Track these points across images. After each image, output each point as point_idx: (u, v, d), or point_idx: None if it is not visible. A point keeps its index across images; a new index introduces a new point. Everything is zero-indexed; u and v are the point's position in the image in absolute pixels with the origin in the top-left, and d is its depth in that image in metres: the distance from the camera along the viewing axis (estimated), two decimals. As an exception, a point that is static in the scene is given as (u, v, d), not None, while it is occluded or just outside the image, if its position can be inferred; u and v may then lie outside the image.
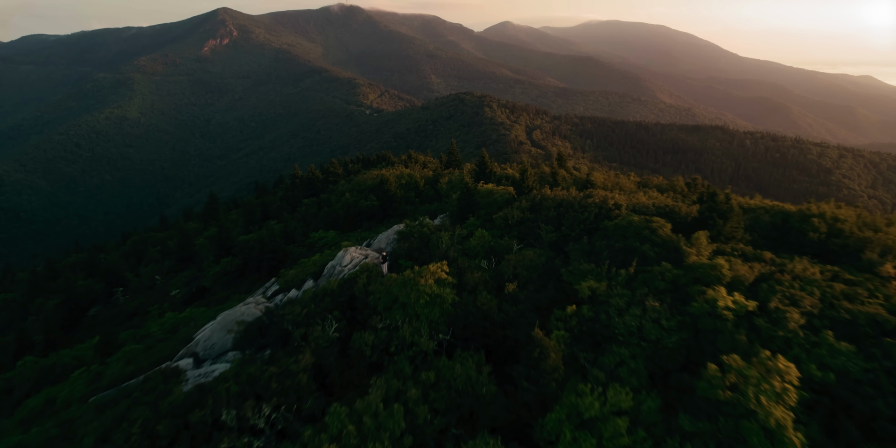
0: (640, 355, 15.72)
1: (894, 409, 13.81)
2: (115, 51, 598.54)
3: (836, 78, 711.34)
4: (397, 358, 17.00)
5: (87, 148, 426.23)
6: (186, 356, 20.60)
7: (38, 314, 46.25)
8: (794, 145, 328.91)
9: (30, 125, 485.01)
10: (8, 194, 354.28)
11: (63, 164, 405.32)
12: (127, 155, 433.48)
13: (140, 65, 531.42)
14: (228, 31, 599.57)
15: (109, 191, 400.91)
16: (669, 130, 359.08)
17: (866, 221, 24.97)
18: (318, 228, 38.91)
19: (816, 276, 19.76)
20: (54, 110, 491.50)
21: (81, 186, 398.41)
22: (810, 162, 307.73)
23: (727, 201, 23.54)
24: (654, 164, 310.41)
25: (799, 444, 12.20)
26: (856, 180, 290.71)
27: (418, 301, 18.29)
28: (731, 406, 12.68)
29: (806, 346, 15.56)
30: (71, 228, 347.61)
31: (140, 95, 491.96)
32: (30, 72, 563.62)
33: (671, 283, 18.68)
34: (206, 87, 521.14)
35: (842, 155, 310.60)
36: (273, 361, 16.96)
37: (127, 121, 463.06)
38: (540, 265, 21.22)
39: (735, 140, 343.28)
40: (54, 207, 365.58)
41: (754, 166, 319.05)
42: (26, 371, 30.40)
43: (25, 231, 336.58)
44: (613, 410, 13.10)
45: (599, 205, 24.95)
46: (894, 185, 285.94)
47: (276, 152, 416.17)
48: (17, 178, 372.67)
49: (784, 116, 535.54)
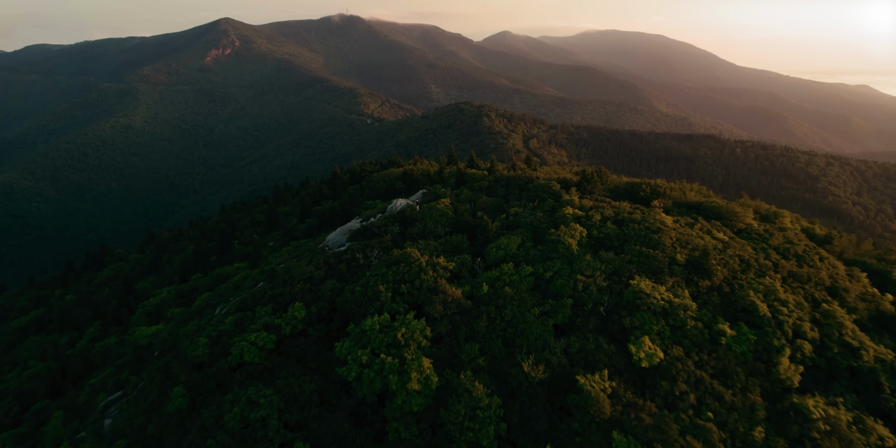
0: (529, 229, 40.17)
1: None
2: (119, 60, 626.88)
3: (833, 87, 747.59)
4: (427, 238, 41.43)
5: (93, 156, 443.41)
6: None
7: (169, 264, 70.32)
8: (783, 153, 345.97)
9: (36, 134, 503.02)
10: (18, 202, 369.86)
11: (70, 172, 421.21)
12: (132, 163, 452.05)
13: (144, 74, 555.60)
14: (231, 41, 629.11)
15: (116, 198, 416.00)
16: (662, 139, 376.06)
17: (672, 188, 49.73)
18: (364, 201, 63.57)
19: (623, 207, 44.29)
20: (60, 119, 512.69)
21: (89, 194, 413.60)
22: (798, 170, 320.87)
23: (592, 175, 48.24)
24: (646, 171, 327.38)
25: (575, 250, 36.83)
26: (841, 187, 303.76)
27: (435, 214, 42.83)
28: (555, 241, 37.17)
29: (597, 226, 40.06)
30: (79, 235, 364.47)
31: (144, 105, 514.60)
32: (34, 81, 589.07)
33: (551, 207, 43.28)
34: (209, 97, 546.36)
35: (829, 163, 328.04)
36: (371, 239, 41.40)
37: (132, 130, 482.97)
38: (494, 204, 45.77)
39: (726, 148, 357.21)
40: (63, 214, 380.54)
41: (744, 174, 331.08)
42: (202, 280, 54.45)
43: (36, 237, 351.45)
44: (514, 249, 37.56)
45: (527, 177, 49.59)
46: (879, 192, 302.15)
47: (279, 161, 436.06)
48: (27, 186, 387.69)
49: (780, 125, 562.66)
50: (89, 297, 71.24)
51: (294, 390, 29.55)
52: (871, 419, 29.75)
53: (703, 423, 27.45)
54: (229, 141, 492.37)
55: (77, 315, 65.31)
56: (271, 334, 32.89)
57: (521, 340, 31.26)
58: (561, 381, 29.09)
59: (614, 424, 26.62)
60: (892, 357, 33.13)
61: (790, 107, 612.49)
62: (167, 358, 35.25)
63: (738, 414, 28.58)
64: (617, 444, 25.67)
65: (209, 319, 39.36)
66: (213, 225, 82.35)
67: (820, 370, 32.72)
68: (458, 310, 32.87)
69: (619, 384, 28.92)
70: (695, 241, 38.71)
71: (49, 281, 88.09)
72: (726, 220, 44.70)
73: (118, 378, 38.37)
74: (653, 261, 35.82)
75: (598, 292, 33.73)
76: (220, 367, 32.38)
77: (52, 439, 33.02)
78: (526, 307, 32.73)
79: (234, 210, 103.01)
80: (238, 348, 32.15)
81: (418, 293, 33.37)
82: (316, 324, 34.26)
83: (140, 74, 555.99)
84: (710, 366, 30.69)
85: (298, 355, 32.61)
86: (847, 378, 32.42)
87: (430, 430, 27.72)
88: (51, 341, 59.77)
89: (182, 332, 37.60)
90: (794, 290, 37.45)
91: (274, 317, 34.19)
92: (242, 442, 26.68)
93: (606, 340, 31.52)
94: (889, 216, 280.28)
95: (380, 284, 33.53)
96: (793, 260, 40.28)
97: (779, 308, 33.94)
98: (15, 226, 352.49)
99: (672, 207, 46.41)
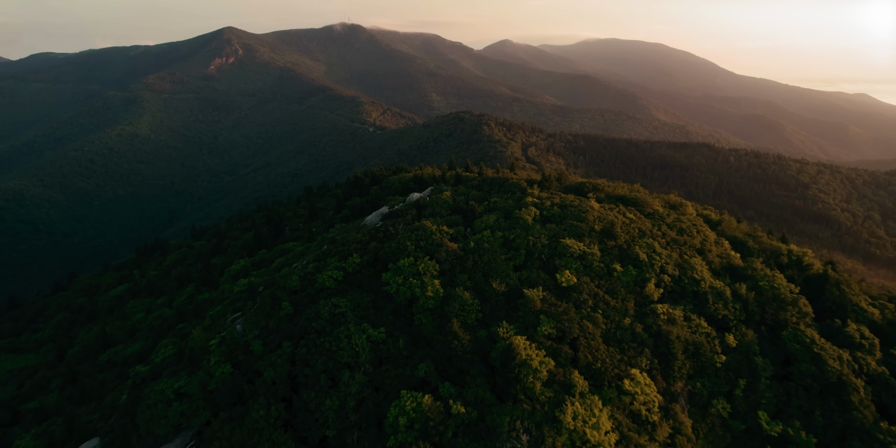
0: (502, 211, 63.58)
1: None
2: (123, 69, 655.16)
3: (832, 96, 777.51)
4: (434, 217, 64.86)
5: (100, 164, 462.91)
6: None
7: (232, 247, 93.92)
8: (776, 162, 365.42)
9: (42, 142, 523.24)
10: (28, 208, 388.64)
11: (78, 179, 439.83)
12: (138, 170, 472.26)
13: (149, 83, 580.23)
14: (234, 49, 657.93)
15: (123, 205, 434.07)
16: (658, 147, 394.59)
17: (607, 186, 73.34)
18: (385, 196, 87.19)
19: (568, 197, 67.75)
20: (66, 127, 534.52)
21: (96, 200, 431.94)
22: (789, 177, 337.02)
23: (550, 176, 71.80)
24: (642, 179, 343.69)
25: (530, 222, 60.54)
26: (831, 195, 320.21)
27: (440, 202, 66.46)
28: (518, 217, 60.58)
29: (547, 208, 63.44)
30: (87, 240, 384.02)
31: (149, 113, 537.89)
32: (40, 89, 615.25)
33: (518, 197, 66.77)
34: (213, 105, 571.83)
35: (820, 171, 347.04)
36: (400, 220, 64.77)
37: (138, 137, 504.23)
38: (480, 195, 69.30)
39: (720, 157, 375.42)
40: (71, 220, 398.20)
41: (736, 181, 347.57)
42: (268, 254, 77.66)
43: (45, 243, 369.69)
44: (491, 223, 60.93)
45: (505, 178, 73.23)
46: (868, 200, 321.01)
47: (283, 168, 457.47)
48: (36, 193, 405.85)
49: (777, 134, 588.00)
50: (168, 272, 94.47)
51: (358, 299, 52.62)
52: (698, 318, 52.82)
53: (594, 314, 50.44)
54: (233, 149, 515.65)
55: (162, 285, 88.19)
56: (340, 271, 55.95)
57: (492, 273, 54.40)
58: (515, 293, 52.20)
59: (542, 312, 49.58)
60: (720, 285, 56.24)
61: (788, 115, 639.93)
62: (271, 289, 58.22)
63: (616, 311, 51.60)
64: (542, 322, 48.57)
65: (292, 269, 62.55)
66: (260, 218, 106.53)
67: (675, 292, 55.86)
68: (455, 256, 56.03)
69: (548, 294, 51.95)
70: (609, 217, 62.04)
71: (123, 264, 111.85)
72: (639, 206, 68.09)
73: (234, 307, 61.22)
74: (578, 229, 59.04)
75: (541, 247, 56.92)
76: (309, 291, 55.40)
77: (198, 343, 55.44)
78: (497, 255, 55.88)
79: (273, 207, 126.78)
80: (321, 279, 55.22)
81: (430, 247, 56.55)
82: (366, 266, 57.44)
83: (145, 83, 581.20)
84: (604, 287, 53.80)
85: (357, 283, 55.67)
86: (690, 297, 55.57)
87: (439, 319, 50.63)
88: (148, 302, 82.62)
89: (277, 276, 60.67)
90: (673, 249, 60.67)
91: (341, 262, 57.30)
92: (333, 323, 49.45)
93: (544, 273, 54.69)
94: (876, 222, 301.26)
95: (407, 242, 56.75)
96: (674, 231, 63.62)
97: (654, 257, 57.12)
98: (25, 231, 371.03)
99: (604, 198, 69.63)
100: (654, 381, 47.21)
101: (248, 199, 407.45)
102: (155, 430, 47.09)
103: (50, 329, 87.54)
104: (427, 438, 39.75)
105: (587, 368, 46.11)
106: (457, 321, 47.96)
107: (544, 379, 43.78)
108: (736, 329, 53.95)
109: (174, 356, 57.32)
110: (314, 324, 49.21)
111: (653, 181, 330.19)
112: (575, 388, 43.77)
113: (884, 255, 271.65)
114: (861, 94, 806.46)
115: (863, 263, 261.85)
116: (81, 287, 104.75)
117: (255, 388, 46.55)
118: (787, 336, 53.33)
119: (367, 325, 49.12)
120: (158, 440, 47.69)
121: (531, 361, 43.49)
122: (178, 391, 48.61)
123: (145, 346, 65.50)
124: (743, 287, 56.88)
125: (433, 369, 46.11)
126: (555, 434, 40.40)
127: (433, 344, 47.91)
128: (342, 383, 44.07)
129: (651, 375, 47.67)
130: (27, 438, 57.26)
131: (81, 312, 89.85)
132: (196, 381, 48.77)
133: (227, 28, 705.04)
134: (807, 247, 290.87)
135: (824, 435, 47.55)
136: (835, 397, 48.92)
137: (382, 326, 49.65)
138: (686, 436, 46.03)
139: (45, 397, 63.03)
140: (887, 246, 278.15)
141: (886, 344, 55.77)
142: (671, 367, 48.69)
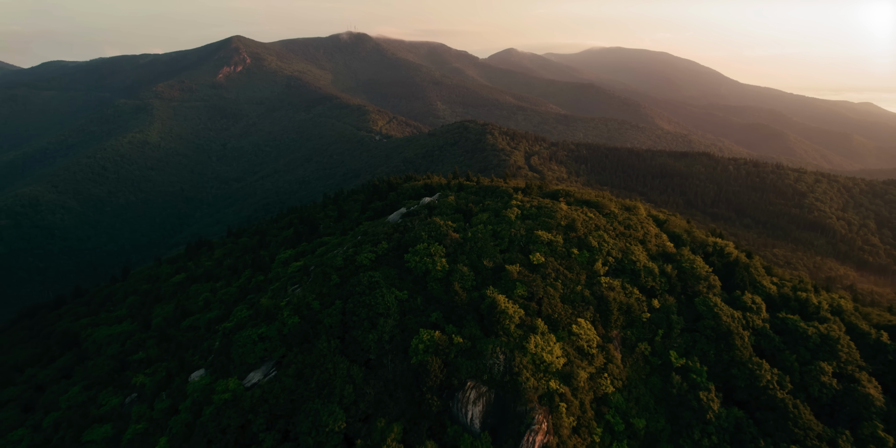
0: (493, 210, 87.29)
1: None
2: (133, 77, 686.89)
3: (836, 105, 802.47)
4: (442, 215, 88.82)
5: (112, 170, 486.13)
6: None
7: (274, 242, 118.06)
8: (774, 171, 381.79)
9: (55, 149, 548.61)
10: (43, 213, 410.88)
11: (91, 185, 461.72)
12: (149, 177, 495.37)
13: (158, 91, 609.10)
14: (242, 58, 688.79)
15: (134, 210, 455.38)
16: (659, 156, 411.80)
17: (577, 191, 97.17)
18: (402, 200, 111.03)
19: (544, 201, 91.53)
20: (78, 134, 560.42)
21: (108, 206, 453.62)
22: (786, 186, 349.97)
23: (531, 184, 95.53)
24: (642, 187, 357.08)
25: (513, 219, 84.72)
26: (827, 203, 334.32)
27: (446, 204, 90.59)
28: (504, 215, 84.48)
29: (526, 208, 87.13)
30: (100, 245, 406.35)
31: (159, 120, 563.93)
32: (52, 97, 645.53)
33: (505, 200, 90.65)
34: (221, 113, 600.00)
35: (817, 180, 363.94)
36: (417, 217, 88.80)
37: (148, 145, 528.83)
38: (477, 199, 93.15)
39: (719, 165, 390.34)
40: (84, 226, 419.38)
41: (735, 190, 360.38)
42: (309, 246, 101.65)
43: (60, 247, 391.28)
44: (484, 219, 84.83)
45: (496, 186, 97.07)
46: (864, 208, 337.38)
47: (291, 175, 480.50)
48: (51, 199, 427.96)
49: (781, 143, 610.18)
50: (220, 263, 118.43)
51: (387, 273, 76.36)
52: (632, 287, 76.20)
53: (555, 283, 73.85)
54: (242, 156, 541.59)
55: (218, 273, 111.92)
56: (372, 254, 79.73)
57: (484, 254, 78.08)
58: (499, 268, 75.88)
59: (518, 281, 73.03)
60: (652, 265, 79.62)
61: (792, 124, 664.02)
62: (322, 267, 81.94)
63: (572, 281, 75.05)
64: (517, 286, 72.00)
65: (335, 254, 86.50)
66: (296, 219, 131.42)
67: (617, 270, 79.37)
68: (457, 243, 79.78)
69: (523, 269, 75.44)
70: (573, 216, 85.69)
71: (174, 258, 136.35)
72: (599, 208, 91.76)
73: (292, 281, 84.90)
74: (548, 224, 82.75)
75: (520, 237, 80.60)
76: (350, 267, 79.14)
77: (270, 304, 78.92)
78: (487, 242, 79.60)
79: (302, 210, 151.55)
80: (360, 259, 79.02)
81: (439, 236, 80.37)
82: (392, 250, 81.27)
83: (154, 91, 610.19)
84: (564, 264, 77.32)
85: (386, 262, 79.44)
86: (629, 273, 79.03)
87: (445, 285, 74.08)
88: (209, 286, 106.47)
89: (324, 258, 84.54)
90: (619, 239, 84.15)
91: (373, 248, 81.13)
92: (370, 288, 72.96)
93: (521, 254, 78.34)
94: (871, 230, 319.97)
95: (422, 232, 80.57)
96: (622, 226, 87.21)
97: (603, 244, 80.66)
98: (40, 236, 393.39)
99: (573, 201, 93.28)
100: (595, 329, 70.47)
101: (257, 206, 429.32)
102: (247, 360, 70.38)
103: (125, 308, 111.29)
104: (437, 355, 63.12)
105: (547, 318, 69.53)
106: (458, 285, 71.58)
107: (517, 323, 67.19)
108: (661, 296, 77.32)
109: (249, 317, 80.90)
110: (357, 288, 72.86)
111: (653, 189, 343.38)
112: (538, 329, 67.16)
113: (877, 262, 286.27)
114: (866, 103, 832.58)
115: (855, 270, 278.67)
116: (142, 277, 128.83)
117: (317, 331, 70.07)
118: (698, 301, 76.61)
119: (395, 289, 72.80)
120: (249, 368, 70.91)
121: (508, 311, 66.98)
122: (261, 335, 72.11)
123: (220, 314, 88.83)
124: (669, 267, 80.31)
125: (441, 317, 69.68)
126: (521, 356, 63.69)
127: (441, 301, 71.54)
128: (379, 325, 67.64)
129: (593, 324, 70.97)
130: (140, 377, 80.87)
131: (149, 296, 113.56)
132: (273, 328, 72.38)
133: (234, 37, 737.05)
134: (800, 253, 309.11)
135: (715, 366, 70.57)
136: (725, 342, 71.97)
137: (405, 290, 73.33)
138: (616, 365, 69.13)
139: (147, 351, 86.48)
140: (880, 253, 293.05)
141: (775, 309, 78.95)
142: (609, 319, 71.98)
